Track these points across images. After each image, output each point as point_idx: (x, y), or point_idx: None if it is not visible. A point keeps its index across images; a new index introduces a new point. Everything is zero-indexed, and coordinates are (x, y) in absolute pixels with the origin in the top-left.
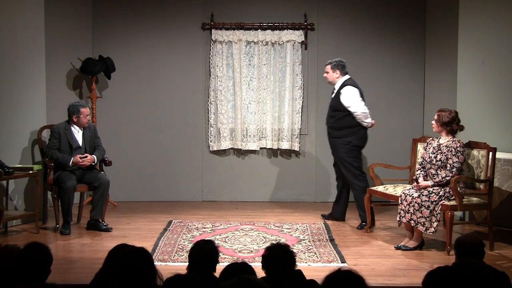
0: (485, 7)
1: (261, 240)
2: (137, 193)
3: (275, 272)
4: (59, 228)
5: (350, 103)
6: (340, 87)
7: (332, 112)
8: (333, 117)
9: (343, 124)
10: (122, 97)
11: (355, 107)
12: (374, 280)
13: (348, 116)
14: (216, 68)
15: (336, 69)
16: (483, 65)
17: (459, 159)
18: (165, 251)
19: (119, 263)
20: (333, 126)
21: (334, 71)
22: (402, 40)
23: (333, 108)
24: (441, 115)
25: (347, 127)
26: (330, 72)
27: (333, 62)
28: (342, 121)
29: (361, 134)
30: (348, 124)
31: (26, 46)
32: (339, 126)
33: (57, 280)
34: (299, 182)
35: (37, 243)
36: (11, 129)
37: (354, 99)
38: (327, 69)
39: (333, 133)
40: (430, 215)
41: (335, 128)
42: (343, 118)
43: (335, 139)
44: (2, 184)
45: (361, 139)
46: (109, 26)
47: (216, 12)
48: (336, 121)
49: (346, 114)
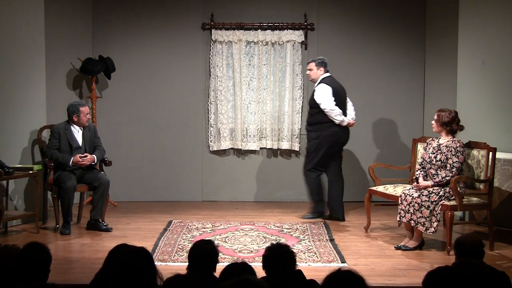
0: (485, 7)
1: (261, 240)
2: (137, 193)
3: (275, 272)
4: (59, 228)
5: (321, 100)
6: (317, 85)
7: (309, 108)
8: (310, 113)
9: (315, 120)
10: (122, 97)
11: (324, 104)
12: (374, 280)
13: (320, 112)
14: (216, 68)
15: (320, 67)
16: (483, 65)
17: (459, 159)
18: (165, 251)
19: (119, 263)
20: (308, 122)
21: (319, 68)
22: (402, 40)
23: (309, 105)
24: (441, 115)
25: (319, 123)
26: (314, 69)
27: (317, 60)
28: (315, 117)
29: (331, 130)
30: (319, 120)
31: (26, 46)
32: (312, 122)
33: (57, 280)
34: (299, 182)
35: (36, 243)
36: (11, 129)
37: (325, 96)
38: (311, 67)
39: (307, 128)
40: (430, 215)
41: (309, 123)
42: (316, 114)
43: (308, 132)
44: (2, 184)
45: (331, 136)
46: (109, 26)
47: (216, 12)
48: (310, 117)
49: (319, 110)
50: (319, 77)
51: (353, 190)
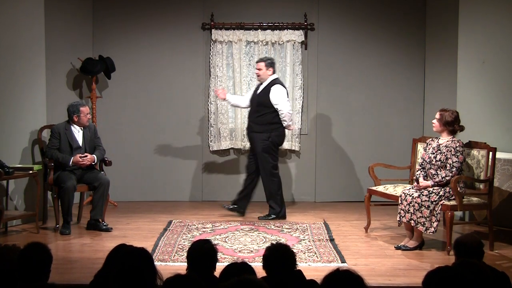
0: (485, 7)
1: (261, 240)
2: (137, 193)
3: (275, 272)
4: (59, 228)
5: (278, 101)
6: (269, 85)
7: (257, 107)
8: (257, 112)
9: (266, 120)
10: (122, 97)
11: (283, 106)
12: (374, 280)
13: (273, 113)
14: (216, 68)
15: (270, 67)
16: (483, 65)
17: (458, 159)
18: (165, 251)
19: (119, 263)
20: (256, 121)
21: (268, 69)
22: (402, 40)
23: (258, 103)
24: (443, 114)
25: (269, 123)
26: (263, 69)
27: (266, 60)
28: (266, 117)
29: (280, 131)
30: (271, 120)
31: (26, 46)
32: (261, 122)
33: (57, 280)
34: (299, 182)
35: (37, 243)
36: (11, 129)
37: (283, 98)
38: (261, 66)
39: (254, 127)
40: (430, 215)
41: (258, 123)
42: (267, 114)
43: (254, 133)
44: (2, 184)
45: (279, 137)
46: (109, 26)
47: (216, 12)
48: (259, 116)
49: (271, 111)
50: (267, 78)
51: (353, 190)
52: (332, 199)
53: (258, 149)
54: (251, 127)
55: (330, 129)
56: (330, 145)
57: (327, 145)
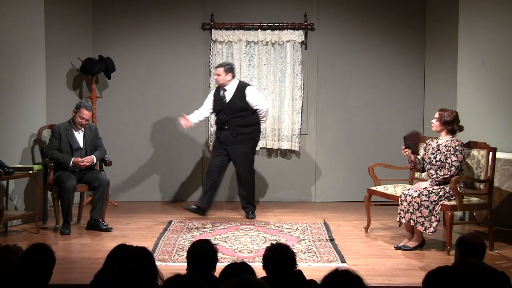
0: (485, 7)
1: (261, 240)
2: (137, 193)
3: (276, 272)
4: (59, 228)
5: (258, 102)
6: (240, 89)
7: (239, 112)
8: (241, 116)
9: (250, 122)
10: (122, 97)
11: (262, 105)
12: (374, 280)
13: (254, 113)
14: None
15: (229, 72)
16: (483, 65)
17: (457, 158)
18: (165, 251)
19: (121, 262)
20: (242, 124)
21: (227, 74)
22: (402, 40)
23: (238, 109)
24: (442, 114)
25: (254, 124)
26: (222, 74)
27: (225, 65)
28: (250, 119)
29: (260, 130)
30: (254, 121)
31: (26, 45)
32: (247, 123)
33: (57, 280)
34: (299, 182)
35: (41, 244)
36: (11, 129)
37: (260, 97)
38: (220, 72)
39: (240, 130)
40: (429, 215)
41: (244, 125)
42: (250, 116)
43: (242, 135)
44: (2, 184)
45: (259, 135)
46: (109, 26)
47: (216, 12)
48: (244, 119)
49: (253, 112)
50: (227, 83)
51: (353, 190)
52: (332, 199)
53: (244, 150)
54: (237, 131)
55: (330, 129)
56: (330, 145)
57: (327, 145)
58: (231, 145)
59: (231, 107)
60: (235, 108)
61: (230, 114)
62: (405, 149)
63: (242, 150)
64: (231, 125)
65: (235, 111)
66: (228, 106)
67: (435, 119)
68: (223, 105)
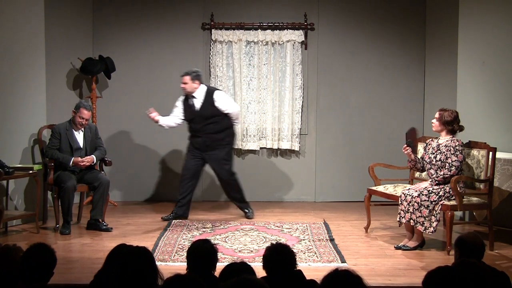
0: (485, 7)
1: (261, 240)
2: (137, 193)
3: (276, 272)
4: (59, 228)
5: (227, 106)
6: (208, 95)
7: (211, 119)
8: (213, 122)
9: (223, 127)
10: (122, 97)
11: (232, 108)
12: (374, 280)
13: (226, 118)
14: (216, 68)
15: (195, 80)
16: (483, 65)
17: (457, 158)
18: (165, 251)
19: (120, 263)
20: (215, 131)
21: (194, 82)
22: (402, 40)
23: (209, 116)
24: (443, 114)
25: (227, 128)
26: (189, 82)
27: (191, 73)
28: (222, 124)
29: (234, 133)
30: (227, 125)
31: (26, 46)
32: (220, 129)
33: (57, 280)
34: (299, 182)
35: (42, 244)
36: (11, 129)
37: (229, 100)
38: (186, 80)
39: (213, 137)
40: (429, 215)
41: (217, 131)
42: (222, 121)
43: (217, 141)
44: (2, 184)
45: (234, 138)
46: (109, 26)
47: (216, 12)
48: (217, 125)
49: (223, 116)
50: (194, 90)
51: (353, 190)
52: (332, 199)
53: (221, 155)
54: (211, 138)
55: (330, 129)
56: (330, 145)
57: (327, 145)
58: (206, 151)
59: (202, 115)
60: (206, 116)
61: (202, 122)
62: (406, 147)
63: (218, 155)
64: (204, 133)
65: (206, 119)
66: (199, 114)
67: (435, 119)
68: (193, 114)
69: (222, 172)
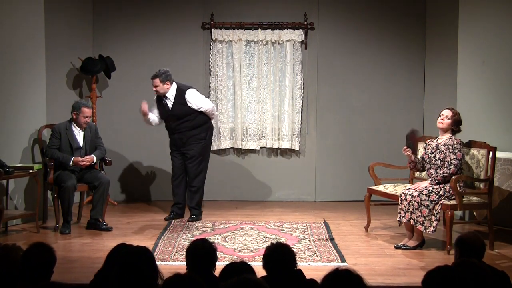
0: (485, 7)
1: (261, 240)
2: (137, 193)
3: (276, 271)
4: (59, 228)
5: (200, 104)
6: (178, 95)
7: (184, 117)
8: (187, 121)
9: (199, 123)
10: (122, 96)
11: (206, 105)
12: (374, 280)
13: (200, 114)
14: (216, 67)
15: (166, 81)
16: (483, 65)
17: (457, 156)
18: (165, 251)
19: (120, 262)
20: (190, 128)
21: (164, 83)
22: (402, 40)
23: (182, 115)
24: (456, 113)
25: (202, 124)
26: (160, 85)
27: (160, 75)
28: (198, 121)
29: (211, 128)
30: (202, 121)
31: (26, 45)
32: (195, 126)
33: (57, 279)
34: (299, 181)
35: (42, 243)
36: (11, 128)
37: (200, 98)
38: (156, 83)
39: (188, 134)
40: (429, 214)
41: (192, 128)
42: (197, 118)
43: (192, 137)
44: (2, 184)
45: (212, 133)
46: (109, 26)
47: (216, 12)
48: (191, 122)
49: (198, 113)
50: (167, 91)
51: (353, 190)
52: (332, 199)
53: (196, 151)
54: (186, 134)
55: (330, 129)
56: (330, 145)
57: (327, 145)
58: (183, 147)
59: (175, 115)
60: (179, 116)
61: (176, 121)
62: (406, 149)
63: (194, 149)
64: (179, 132)
65: (179, 118)
66: (172, 114)
67: (446, 117)
68: (166, 113)
69: (191, 167)
